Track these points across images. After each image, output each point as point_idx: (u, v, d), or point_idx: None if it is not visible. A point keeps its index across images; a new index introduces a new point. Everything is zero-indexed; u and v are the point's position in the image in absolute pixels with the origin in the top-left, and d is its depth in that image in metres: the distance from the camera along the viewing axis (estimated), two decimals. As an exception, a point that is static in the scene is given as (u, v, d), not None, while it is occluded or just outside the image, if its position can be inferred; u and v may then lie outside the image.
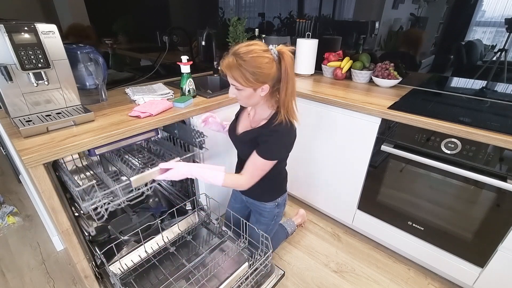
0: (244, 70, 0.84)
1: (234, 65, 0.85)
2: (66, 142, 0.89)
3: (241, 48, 0.86)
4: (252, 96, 0.91)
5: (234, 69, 0.86)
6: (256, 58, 0.84)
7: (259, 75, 0.85)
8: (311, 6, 1.92)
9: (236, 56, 0.85)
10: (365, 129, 1.36)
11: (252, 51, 0.84)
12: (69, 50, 1.03)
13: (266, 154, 0.96)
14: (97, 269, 1.13)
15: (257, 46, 0.86)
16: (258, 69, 0.84)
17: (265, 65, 0.85)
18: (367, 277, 1.44)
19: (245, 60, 0.84)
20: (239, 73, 0.86)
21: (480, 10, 1.34)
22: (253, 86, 0.88)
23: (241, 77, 0.86)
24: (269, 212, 1.20)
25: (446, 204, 1.24)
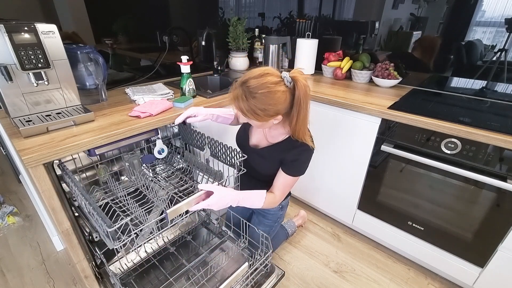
0: (253, 106, 0.78)
1: (243, 99, 0.79)
2: (66, 142, 0.89)
3: (251, 81, 0.78)
4: (263, 125, 0.88)
5: (242, 103, 0.80)
6: (268, 95, 0.77)
7: (270, 110, 0.80)
8: (311, 6, 1.92)
9: (246, 90, 0.78)
10: (365, 129, 1.36)
11: (263, 85, 0.77)
12: (69, 50, 1.03)
13: (297, 172, 0.98)
14: (97, 269, 1.13)
15: (269, 77, 0.78)
16: (269, 106, 0.79)
17: (277, 99, 0.79)
18: (367, 277, 1.44)
19: (255, 97, 0.77)
20: (247, 108, 0.80)
21: (480, 10, 1.34)
22: (264, 119, 0.83)
23: (250, 112, 0.80)
24: (273, 215, 1.22)
25: (446, 204, 1.24)
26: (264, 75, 0.79)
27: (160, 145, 1.26)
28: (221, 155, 1.09)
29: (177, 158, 1.34)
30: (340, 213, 1.71)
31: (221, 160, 1.11)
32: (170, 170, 1.32)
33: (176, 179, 1.25)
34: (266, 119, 0.83)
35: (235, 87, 0.82)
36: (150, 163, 1.32)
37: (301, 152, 0.95)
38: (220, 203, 0.87)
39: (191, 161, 1.24)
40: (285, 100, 0.81)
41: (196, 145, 1.22)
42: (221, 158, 1.11)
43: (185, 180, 1.23)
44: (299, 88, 0.80)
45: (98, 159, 1.20)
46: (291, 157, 0.96)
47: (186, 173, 1.26)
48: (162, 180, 1.25)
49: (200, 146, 1.19)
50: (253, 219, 1.29)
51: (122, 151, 1.26)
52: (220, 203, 0.87)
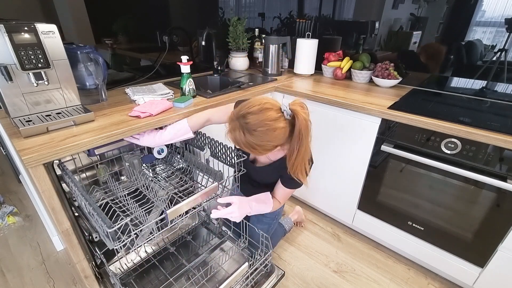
0: (251, 142, 0.75)
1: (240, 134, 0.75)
2: (66, 142, 0.89)
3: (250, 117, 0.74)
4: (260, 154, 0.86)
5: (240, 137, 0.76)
6: (267, 132, 0.74)
7: (268, 146, 0.77)
8: (311, 6, 1.92)
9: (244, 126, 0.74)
10: (365, 129, 1.36)
11: (262, 123, 0.73)
12: (69, 50, 1.03)
13: (294, 186, 1.02)
14: (97, 269, 1.13)
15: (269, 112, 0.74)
16: (268, 142, 0.76)
17: (276, 136, 0.75)
18: (367, 277, 1.44)
19: (253, 134, 0.74)
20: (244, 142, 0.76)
21: (480, 10, 1.34)
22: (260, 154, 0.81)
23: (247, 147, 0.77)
24: (272, 212, 1.21)
25: (446, 204, 1.24)
26: (263, 110, 0.75)
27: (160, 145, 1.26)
28: (221, 155, 1.09)
29: (177, 158, 1.34)
30: (340, 213, 1.71)
31: (221, 160, 1.11)
32: (170, 170, 1.32)
33: (176, 179, 1.25)
34: (264, 153, 0.81)
35: (232, 119, 0.78)
36: (150, 163, 1.32)
37: None
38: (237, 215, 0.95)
39: (191, 161, 1.24)
40: (284, 134, 0.78)
41: (196, 145, 1.22)
42: (221, 159, 1.11)
43: (185, 180, 1.23)
44: (300, 122, 0.76)
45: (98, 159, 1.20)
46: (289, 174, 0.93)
47: (186, 173, 1.26)
48: (162, 180, 1.25)
49: (200, 146, 1.19)
50: (252, 217, 1.29)
51: (122, 151, 1.26)
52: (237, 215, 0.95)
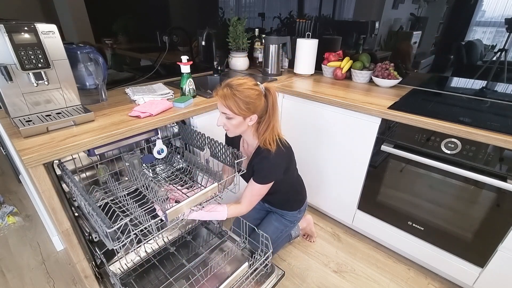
0: (238, 99, 0.93)
1: (229, 95, 0.94)
2: (66, 142, 0.89)
3: (233, 81, 0.97)
4: (240, 125, 1.00)
5: (229, 98, 0.94)
6: (248, 90, 0.94)
7: (251, 104, 0.95)
8: (311, 6, 1.92)
9: (231, 87, 0.95)
10: (365, 129, 1.36)
11: (244, 84, 0.95)
12: (69, 50, 1.03)
13: (261, 179, 1.06)
14: (97, 269, 1.13)
15: (247, 80, 0.97)
16: (250, 99, 0.94)
17: (256, 96, 0.95)
18: (367, 277, 1.44)
19: (238, 90, 0.94)
20: (233, 102, 0.94)
21: (480, 10, 1.34)
22: (244, 115, 0.96)
23: (235, 106, 0.94)
24: (291, 216, 1.31)
25: (446, 204, 1.24)
26: (245, 78, 0.99)
27: (159, 145, 1.26)
28: (221, 156, 1.09)
29: (177, 158, 1.34)
30: (340, 213, 1.70)
31: (221, 161, 1.11)
32: (170, 170, 1.32)
33: (176, 179, 1.25)
34: (245, 114, 0.96)
35: (221, 88, 0.97)
36: (150, 163, 1.32)
37: (261, 159, 1.04)
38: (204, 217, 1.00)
39: (191, 161, 1.24)
40: (261, 100, 0.97)
41: (196, 145, 1.22)
42: (221, 159, 1.11)
43: (185, 180, 1.23)
44: (272, 94, 0.98)
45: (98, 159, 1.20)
46: (256, 165, 1.06)
47: (186, 173, 1.26)
48: (162, 180, 1.25)
49: (200, 146, 1.19)
50: (270, 215, 1.34)
51: (122, 151, 1.26)
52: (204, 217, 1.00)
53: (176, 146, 1.38)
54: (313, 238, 1.66)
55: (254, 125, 1.03)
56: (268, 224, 1.31)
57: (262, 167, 1.05)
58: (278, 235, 1.32)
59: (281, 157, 1.06)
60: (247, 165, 1.13)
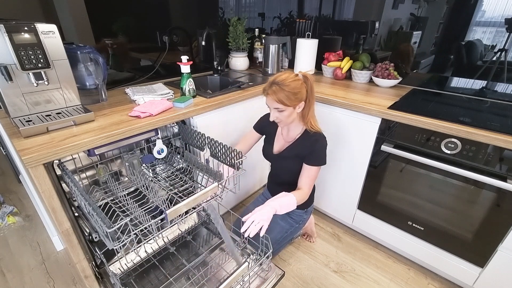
0: (287, 92, 1.03)
1: (279, 90, 1.03)
2: (66, 142, 0.89)
3: (277, 78, 1.05)
4: (291, 114, 1.09)
5: (280, 93, 1.03)
6: (293, 82, 1.04)
7: (299, 94, 1.05)
8: (311, 6, 1.92)
9: (278, 84, 1.04)
10: (365, 129, 1.36)
11: (287, 78, 1.04)
12: (69, 50, 1.03)
13: (316, 161, 1.14)
14: (97, 269, 1.13)
15: (288, 73, 1.06)
16: (297, 89, 1.04)
17: (300, 86, 1.05)
18: (367, 277, 1.44)
19: (285, 85, 1.03)
20: (284, 96, 1.03)
21: (480, 10, 1.34)
22: (294, 104, 1.06)
23: (286, 99, 1.03)
24: (298, 216, 1.32)
25: (446, 204, 1.24)
26: (285, 73, 1.07)
27: (159, 145, 1.26)
28: (221, 156, 1.09)
29: (177, 158, 1.34)
30: (340, 213, 1.70)
31: (221, 161, 1.11)
32: (170, 170, 1.32)
33: (176, 179, 1.25)
34: (296, 103, 1.06)
35: (269, 87, 1.06)
36: (150, 163, 1.32)
37: (314, 142, 1.13)
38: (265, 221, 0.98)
39: (191, 161, 1.24)
40: (304, 89, 1.06)
41: (196, 145, 1.22)
42: (221, 159, 1.11)
43: (185, 180, 1.23)
44: (310, 80, 1.07)
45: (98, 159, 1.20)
46: (308, 149, 1.14)
47: (186, 173, 1.26)
48: (162, 180, 1.25)
49: (200, 146, 1.19)
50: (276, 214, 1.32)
51: (122, 151, 1.26)
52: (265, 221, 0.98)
53: (176, 146, 1.38)
54: (313, 238, 1.65)
55: (300, 112, 1.12)
56: (274, 223, 1.29)
57: (316, 150, 1.13)
58: (283, 235, 1.31)
59: (326, 140, 1.17)
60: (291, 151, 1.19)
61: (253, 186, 1.94)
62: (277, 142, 1.26)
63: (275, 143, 1.27)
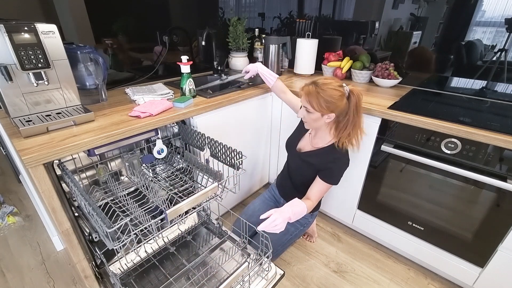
0: (320, 97, 1.00)
1: (313, 92, 1.01)
2: (66, 142, 0.89)
3: (320, 80, 1.03)
4: (318, 120, 1.06)
5: (312, 95, 1.01)
6: (332, 90, 1.00)
7: (331, 103, 1.00)
8: (311, 6, 1.92)
9: (316, 85, 1.02)
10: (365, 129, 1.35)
11: (329, 84, 1.01)
12: (69, 50, 1.03)
13: (330, 179, 1.12)
14: (97, 269, 1.13)
15: (333, 81, 1.03)
16: (331, 98, 0.99)
17: (337, 97, 1.00)
18: (367, 277, 1.44)
19: (322, 89, 1.00)
20: (315, 99, 1.01)
21: (480, 10, 1.34)
22: (323, 112, 1.02)
23: (316, 102, 1.01)
24: (304, 219, 1.31)
25: (446, 204, 1.24)
26: (332, 78, 1.05)
27: (159, 145, 1.26)
28: (221, 156, 1.09)
29: (177, 158, 1.34)
30: (340, 213, 1.70)
31: (221, 161, 1.11)
32: (170, 170, 1.32)
33: (176, 179, 1.25)
34: (325, 111, 1.02)
35: (307, 85, 1.04)
36: (150, 163, 1.32)
37: (336, 160, 1.11)
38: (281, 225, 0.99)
39: (191, 161, 1.24)
40: (342, 101, 1.01)
41: (196, 145, 1.22)
42: (221, 159, 1.11)
43: (185, 180, 1.23)
44: (356, 96, 1.02)
45: (98, 159, 1.20)
46: (327, 164, 1.11)
47: (186, 173, 1.26)
48: (162, 180, 1.25)
49: (200, 146, 1.19)
50: None
51: (122, 151, 1.26)
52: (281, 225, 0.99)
53: (176, 146, 1.38)
54: (314, 238, 1.66)
55: (331, 123, 1.08)
56: None
57: (333, 168, 1.11)
58: (288, 237, 1.30)
59: (348, 162, 1.14)
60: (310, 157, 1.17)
61: (253, 186, 1.94)
62: (303, 140, 1.25)
63: (302, 139, 1.25)
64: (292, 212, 1.02)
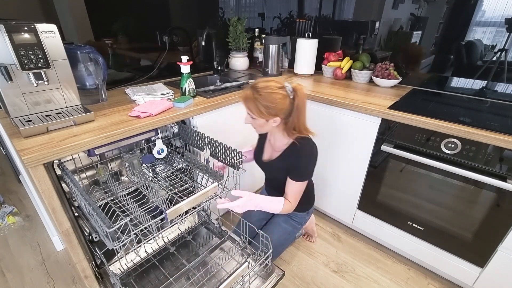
0: (258, 103, 0.93)
1: (250, 98, 0.95)
2: (66, 142, 0.89)
3: (259, 83, 0.95)
4: (264, 125, 1.01)
5: (250, 101, 0.95)
6: (271, 94, 0.93)
7: (272, 108, 0.94)
8: (311, 6, 1.92)
9: (254, 90, 0.94)
10: (365, 129, 1.36)
11: (268, 87, 0.93)
12: (69, 50, 1.03)
13: (300, 177, 1.08)
14: (97, 269, 1.13)
15: (273, 82, 0.95)
16: (271, 104, 0.93)
17: (279, 100, 0.93)
18: (367, 277, 1.44)
19: (261, 94, 0.93)
20: (253, 105, 0.95)
21: (480, 10, 1.34)
22: (265, 118, 0.96)
23: (255, 109, 0.95)
24: (299, 217, 1.31)
25: (446, 204, 1.24)
26: (271, 80, 0.96)
27: (159, 145, 1.26)
28: (221, 155, 1.09)
29: (177, 158, 1.34)
30: (340, 213, 1.70)
31: (221, 161, 1.11)
32: (170, 170, 1.32)
33: (176, 179, 1.25)
34: (267, 117, 0.96)
35: (246, 89, 0.97)
36: (150, 163, 1.32)
37: (298, 158, 1.06)
38: (245, 206, 0.99)
39: (191, 161, 1.24)
40: (285, 104, 0.95)
41: (196, 145, 1.22)
42: (221, 158, 1.11)
43: (185, 180, 1.23)
44: (299, 97, 0.96)
45: (98, 159, 1.20)
46: (292, 164, 1.07)
47: (186, 173, 1.26)
48: (162, 180, 1.25)
49: (200, 146, 1.19)
50: (277, 216, 1.33)
51: (122, 151, 1.26)
52: (245, 206, 0.99)
53: (176, 146, 1.38)
54: (314, 238, 1.65)
55: (281, 125, 1.02)
56: (276, 225, 1.30)
57: (298, 166, 1.07)
58: (286, 237, 1.30)
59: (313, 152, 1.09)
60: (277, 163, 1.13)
61: (253, 186, 1.94)
62: (266, 149, 1.21)
63: (265, 149, 1.22)
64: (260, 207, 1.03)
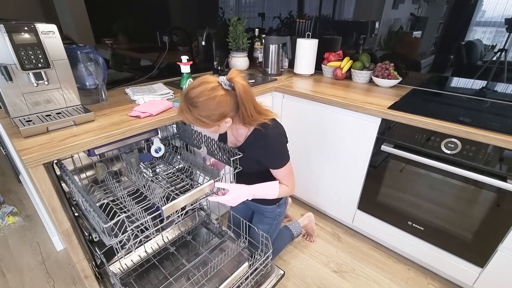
0: (196, 115, 0.82)
1: (186, 111, 0.83)
2: (66, 142, 0.89)
3: (190, 92, 0.82)
4: (220, 128, 0.91)
5: (187, 114, 0.84)
6: (207, 101, 0.81)
7: (214, 115, 0.83)
8: (311, 6, 1.92)
9: (187, 102, 0.82)
10: (365, 129, 1.36)
11: (202, 94, 0.81)
12: (69, 50, 1.03)
13: (279, 164, 0.99)
14: (97, 269, 1.13)
15: (205, 84, 0.82)
16: (212, 111, 0.82)
17: (218, 104, 0.82)
18: (367, 277, 1.44)
19: (196, 106, 0.81)
20: (193, 118, 0.84)
21: (480, 10, 1.34)
22: (213, 125, 0.86)
23: (197, 122, 0.84)
24: (271, 212, 1.23)
25: (446, 204, 1.24)
26: (201, 84, 0.83)
27: (157, 144, 1.26)
28: (217, 153, 1.10)
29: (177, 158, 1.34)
30: (340, 213, 1.70)
31: (217, 158, 1.11)
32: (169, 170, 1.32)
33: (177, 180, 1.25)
34: (214, 124, 0.86)
35: (180, 101, 0.85)
36: (148, 161, 1.32)
37: (265, 145, 0.97)
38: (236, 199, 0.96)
39: (189, 160, 1.24)
40: (227, 102, 0.84)
41: (194, 144, 1.22)
42: (217, 156, 1.11)
43: (182, 178, 1.23)
44: (238, 88, 0.84)
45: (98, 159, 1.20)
46: (263, 153, 0.99)
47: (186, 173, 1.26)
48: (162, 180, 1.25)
49: (197, 145, 1.20)
50: (254, 218, 1.29)
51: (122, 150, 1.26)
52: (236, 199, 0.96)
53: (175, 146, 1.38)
54: (313, 237, 1.65)
55: (235, 120, 0.92)
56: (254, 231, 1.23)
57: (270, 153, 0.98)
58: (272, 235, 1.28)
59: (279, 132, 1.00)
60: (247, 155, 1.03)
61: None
62: (229, 137, 1.12)
63: (228, 137, 1.13)
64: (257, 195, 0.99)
